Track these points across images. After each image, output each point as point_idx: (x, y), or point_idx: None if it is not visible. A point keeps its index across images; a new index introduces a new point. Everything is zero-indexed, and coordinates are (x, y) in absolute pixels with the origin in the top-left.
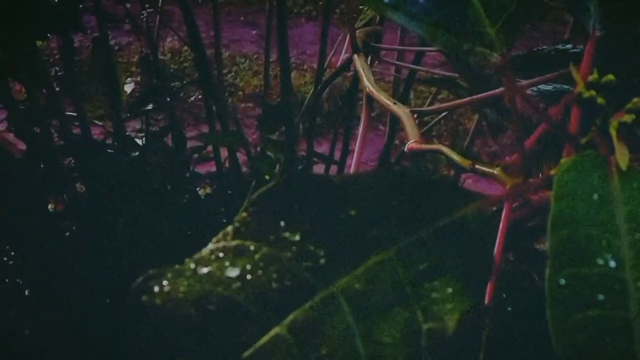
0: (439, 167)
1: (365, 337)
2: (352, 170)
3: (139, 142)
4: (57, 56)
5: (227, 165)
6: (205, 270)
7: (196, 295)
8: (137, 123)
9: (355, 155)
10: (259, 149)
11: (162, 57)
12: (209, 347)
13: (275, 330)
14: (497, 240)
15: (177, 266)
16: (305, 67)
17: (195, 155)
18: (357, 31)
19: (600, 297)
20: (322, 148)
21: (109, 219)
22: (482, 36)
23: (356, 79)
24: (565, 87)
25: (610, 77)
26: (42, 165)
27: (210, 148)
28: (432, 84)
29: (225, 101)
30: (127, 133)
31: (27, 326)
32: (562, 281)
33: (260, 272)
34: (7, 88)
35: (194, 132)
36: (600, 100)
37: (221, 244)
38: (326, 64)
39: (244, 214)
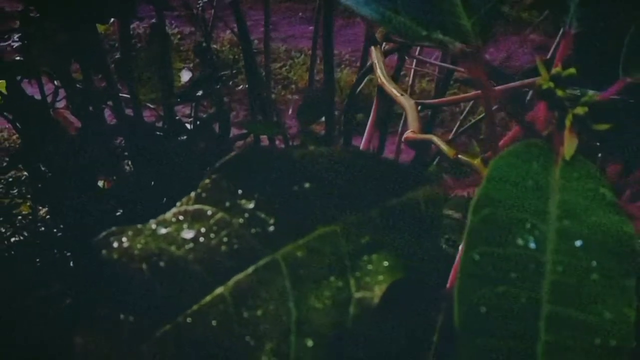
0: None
1: (299, 301)
2: None
3: (188, 126)
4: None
5: None
6: (164, 230)
7: (149, 253)
8: (187, 108)
9: (363, 141)
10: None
11: (216, 47)
12: (155, 301)
13: (218, 291)
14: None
15: (139, 225)
16: (358, 64)
17: (241, 143)
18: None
19: (513, 275)
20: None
21: (153, 199)
22: (457, 27)
23: (393, 77)
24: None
25: (572, 70)
26: (94, 143)
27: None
28: (467, 84)
29: (268, 92)
30: (177, 117)
31: (68, 296)
32: (476, 257)
33: (212, 235)
34: (68, 68)
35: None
36: (559, 92)
37: (183, 208)
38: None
39: (207, 181)
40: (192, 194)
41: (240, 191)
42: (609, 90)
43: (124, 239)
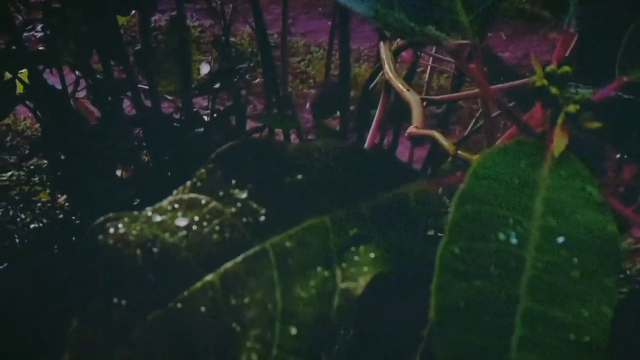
0: None
1: (285, 291)
2: None
3: (205, 118)
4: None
5: None
6: (159, 218)
7: (144, 239)
8: (205, 101)
9: (369, 136)
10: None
11: (234, 40)
12: (148, 286)
13: (208, 278)
14: None
15: (135, 212)
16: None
17: (256, 135)
18: None
19: (492, 270)
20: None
21: (170, 188)
22: (455, 24)
23: (408, 73)
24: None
25: (566, 68)
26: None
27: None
28: None
29: (285, 86)
30: (195, 109)
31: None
32: (456, 251)
33: (205, 223)
34: (89, 59)
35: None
36: (553, 90)
37: (178, 196)
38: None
39: (202, 171)
40: (188, 183)
41: (234, 181)
42: (605, 89)
43: (120, 225)
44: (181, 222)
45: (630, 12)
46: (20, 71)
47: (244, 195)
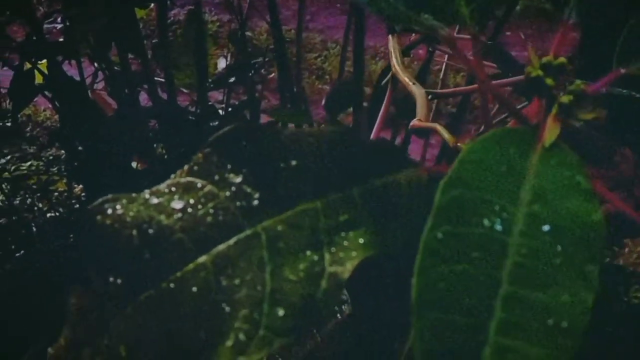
0: None
1: (275, 273)
2: None
3: (220, 112)
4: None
5: None
6: (156, 200)
7: (140, 220)
8: (221, 95)
9: (374, 130)
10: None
11: (251, 35)
12: (143, 266)
13: (201, 259)
14: None
15: (133, 194)
16: None
17: None
18: None
19: (475, 254)
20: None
21: None
22: (454, 14)
23: (422, 70)
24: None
25: (562, 60)
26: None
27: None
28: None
29: (299, 81)
30: (210, 103)
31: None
32: (440, 235)
33: (200, 206)
34: (108, 51)
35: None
36: (548, 81)
37: (176, 180)
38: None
39: (199, 155)
40: (186, 167)
41: (229, 165)
42: (602, 81)
43: (118, 206)
44: (177, 204)
45: (630, 9)
46: (39, 62)
47: (238, 179)
